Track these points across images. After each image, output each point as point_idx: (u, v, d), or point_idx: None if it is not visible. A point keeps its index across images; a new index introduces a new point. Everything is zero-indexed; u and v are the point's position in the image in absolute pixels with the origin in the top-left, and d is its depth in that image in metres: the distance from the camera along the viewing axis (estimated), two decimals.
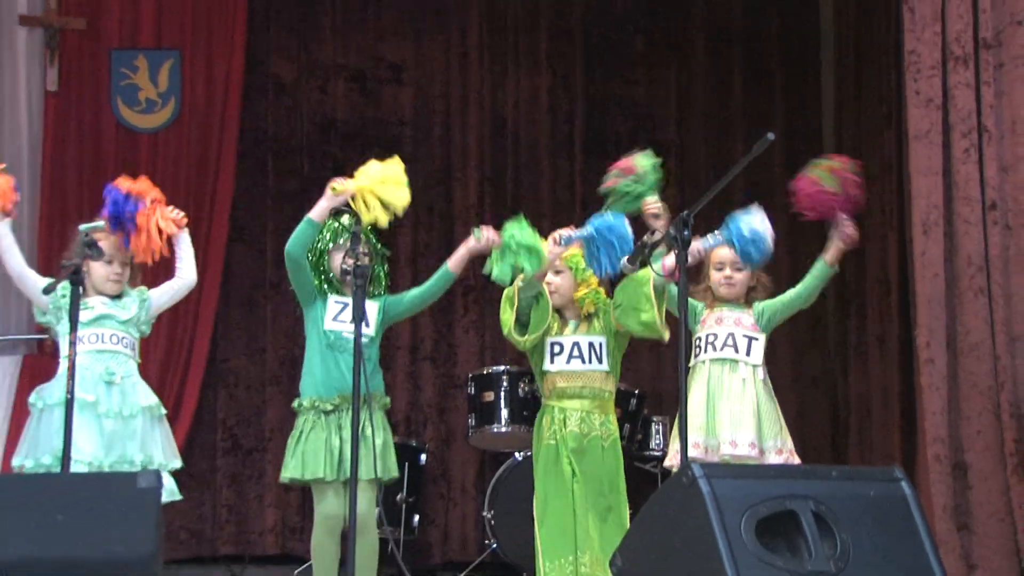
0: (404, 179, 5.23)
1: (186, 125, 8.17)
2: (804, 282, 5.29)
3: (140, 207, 5.20)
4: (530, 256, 5.10)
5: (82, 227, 5.18)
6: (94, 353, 5.11)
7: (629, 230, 5.11)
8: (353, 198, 5.18)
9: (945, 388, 4.62)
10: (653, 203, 5.17)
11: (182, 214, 5.39)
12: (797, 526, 3.85)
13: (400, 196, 5.18)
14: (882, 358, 7.19)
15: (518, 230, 5.16)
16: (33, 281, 5.17)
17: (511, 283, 5.19)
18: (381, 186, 5.19)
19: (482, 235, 5.20)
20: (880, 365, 7.23)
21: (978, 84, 4.70)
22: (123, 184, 5.26)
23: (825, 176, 5.02)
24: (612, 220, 5.10)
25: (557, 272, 5.34)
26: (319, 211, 5.23)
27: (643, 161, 5.25)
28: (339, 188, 5.19)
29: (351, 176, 5.24)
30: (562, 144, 8.56)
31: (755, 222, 5.09)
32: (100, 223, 5.27)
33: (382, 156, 8.16)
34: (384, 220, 5.14)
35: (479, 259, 5.39)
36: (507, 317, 5.26)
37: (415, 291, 5.47)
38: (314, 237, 5.28)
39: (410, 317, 7.85)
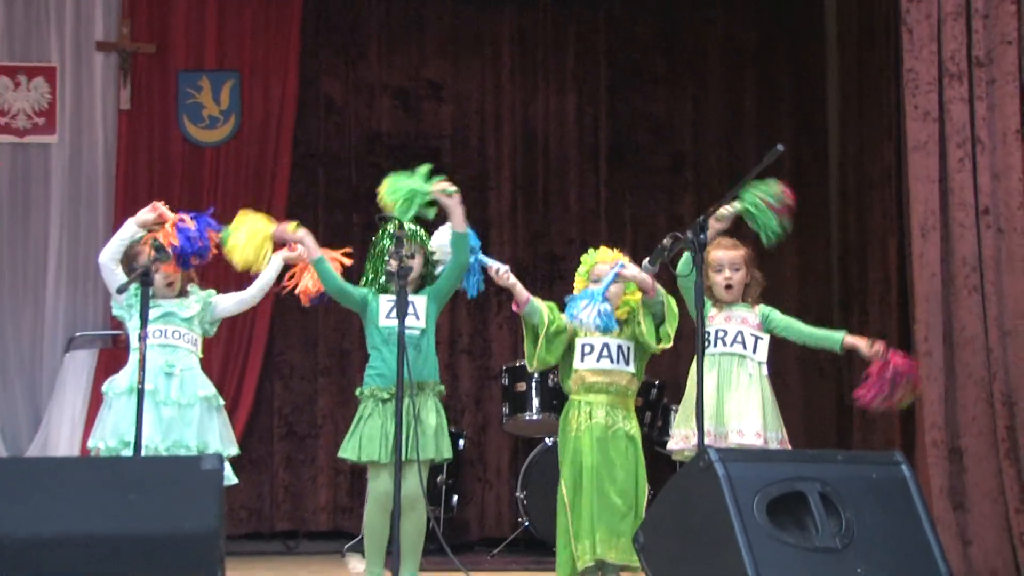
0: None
1: (245, 139, 8.21)
2: (814, 335, 5.31)
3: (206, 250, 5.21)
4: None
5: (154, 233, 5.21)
6: (157, 347, 5.12)
7: None
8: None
9: (942, 378, 4.60)
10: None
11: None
12: (805, 506, 3.85)
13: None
14: None
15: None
16: (115, 276, 5.19)
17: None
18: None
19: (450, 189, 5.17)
20: None
21: (972, 99, 4.67)
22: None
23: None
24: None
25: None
26: (315, 252, 5.22)
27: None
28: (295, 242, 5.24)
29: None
30: (588, 155, 8.55)
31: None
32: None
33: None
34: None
35: (521, 264, 5.40)
36: (530, 351, 5.27)
37: (446, 267, 5.38)
38: (331, 269, 5.24)
39: (449, 315, 7.94)
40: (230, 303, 5.41)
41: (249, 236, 5.27)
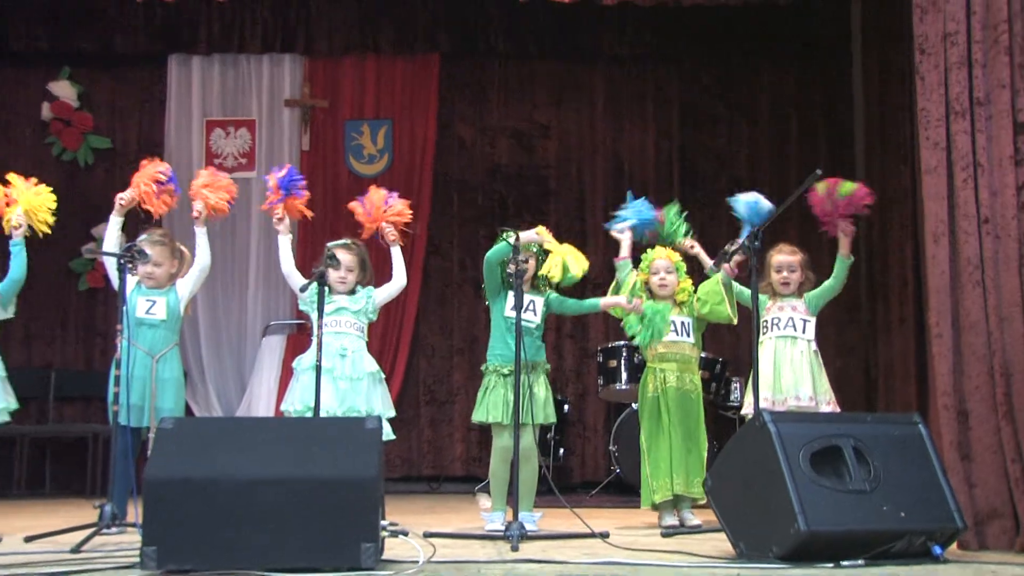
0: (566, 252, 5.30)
1: (396, 172, 8.32)
2: (834, 275, 5.26)
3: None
4: (653, 334, 5.17)
5: (328, 244, 5.28)
6: (333, 334, 5.15)
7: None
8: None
9: (951, 355, 4.49)
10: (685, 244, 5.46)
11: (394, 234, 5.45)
12: (841, 457, 3.81)
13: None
14: (902, 333, 7.02)
15: (660, 315, 5.17)
16: (296, 279, 5.27)
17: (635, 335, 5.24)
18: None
19: (633, 302, 5.18)
20: (901, 338, 7.06)
21: (973, 132, 4.56)
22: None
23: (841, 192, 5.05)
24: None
25: (669, 272, 5.34)
26: (524, 237, 5.02)
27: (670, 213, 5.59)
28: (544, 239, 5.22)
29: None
30: (664, 180, 8.50)
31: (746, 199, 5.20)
32: (343, 240, 5.35)
33: (535, 192, 8.28)
34: None
35: (609, 268, 5.41)
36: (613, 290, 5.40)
37: (571, 302, 5.35)
38: (507, 252, 5.11)
39: None
40: (386, 293, 5.43)
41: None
